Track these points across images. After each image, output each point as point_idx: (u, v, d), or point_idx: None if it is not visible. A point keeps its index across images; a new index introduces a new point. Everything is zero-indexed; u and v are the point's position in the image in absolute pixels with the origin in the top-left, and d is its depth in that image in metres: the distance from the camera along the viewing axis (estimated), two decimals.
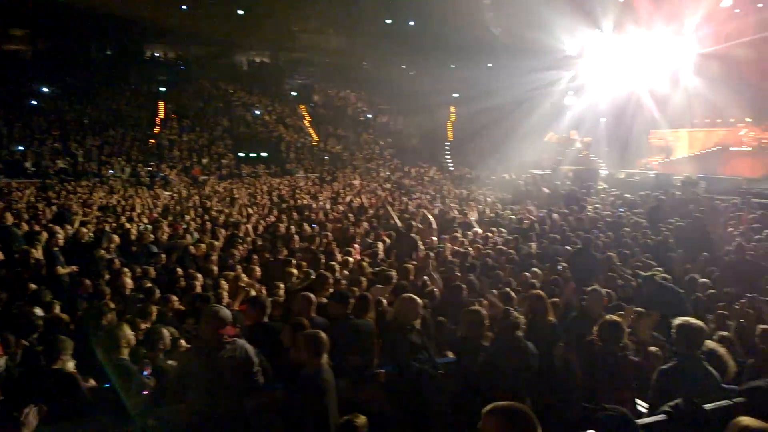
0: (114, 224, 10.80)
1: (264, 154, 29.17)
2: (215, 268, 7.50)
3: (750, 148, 20.01)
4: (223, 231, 10.15)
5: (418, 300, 4.84)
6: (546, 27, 23.69)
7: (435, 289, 6.58)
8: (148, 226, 10.52)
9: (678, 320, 3.81)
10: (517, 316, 4.53)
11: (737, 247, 8.07)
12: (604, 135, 25.11)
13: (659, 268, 7.38)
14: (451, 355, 5.21)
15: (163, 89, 33.91)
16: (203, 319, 3.97)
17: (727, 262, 7.96)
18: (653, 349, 4.65)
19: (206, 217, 12.05)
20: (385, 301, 5.84)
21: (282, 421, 3.84)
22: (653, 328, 5.07)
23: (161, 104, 31.70)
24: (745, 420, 2.01)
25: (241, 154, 28.85)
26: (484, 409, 2.05)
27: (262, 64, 39.59)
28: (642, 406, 3.86)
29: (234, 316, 4.48)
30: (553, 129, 26.28)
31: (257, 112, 33.32)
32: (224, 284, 6.43)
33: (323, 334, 3.80)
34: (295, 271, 7.05)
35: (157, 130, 29.37)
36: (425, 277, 7.07)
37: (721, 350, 4.03)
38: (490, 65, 31.41)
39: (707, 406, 2.87)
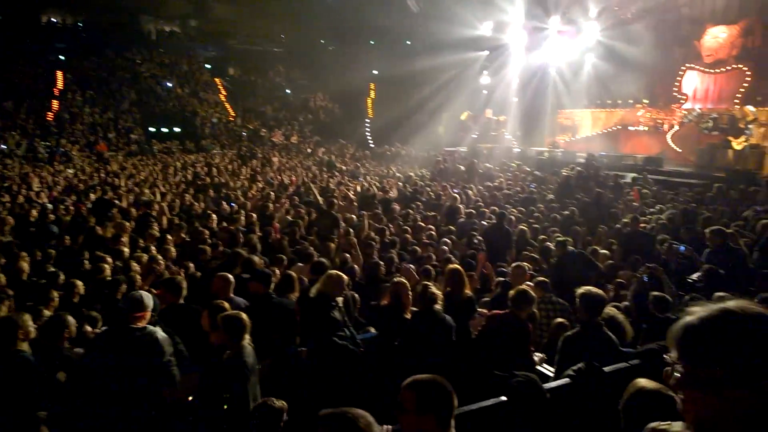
0: (9, 204, 9.98)
1: (177, 130, 27.86)
2: (126, 249, 7.11)
3: (646, 128, 21.60)
4: (134, 210, 9.64)
5: (344, 277, 4.87)
6: (461, 6, 24.13)
7: (355, 266, 6.64)
8: (49, 205, 9.80)
9: (580, 290, 4.07)
10: (434, 290, 4.66)
11: (632, 220, 8.70)
12: (516, 114, 26.12)
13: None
14: (372, 330, 5.30)
15: (62, 58, 31.20)
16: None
17: (624, 234, 8.58)
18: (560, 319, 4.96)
19: (114, 195, 11.37)
20: (306, 279, 5.83)
21: (201, 405, 3.76)
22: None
23: (59, 74, 29.22)
24: (642, 381, 2.18)
25: (152, 130, 27.39)
26: (403, 383, 2.10)
27: (173, 34, 37.38)
28: (549, 370, 4.13)
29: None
30: (468, 107, 26.99)
31: (169, 84, 31.55)
32: (136, 266, 6.13)
33: (244, 316, 3.72)
34: (208, 249, 6.88)
35: (55, 102, 27.11)
36: (346, 254, 7.10)
37: (620, 316, 4.38)
38: (409, 42, 31.59)
39: (607, 369, 3.11)
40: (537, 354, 4.54)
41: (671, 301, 4.70)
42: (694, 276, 5.85)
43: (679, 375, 1.18)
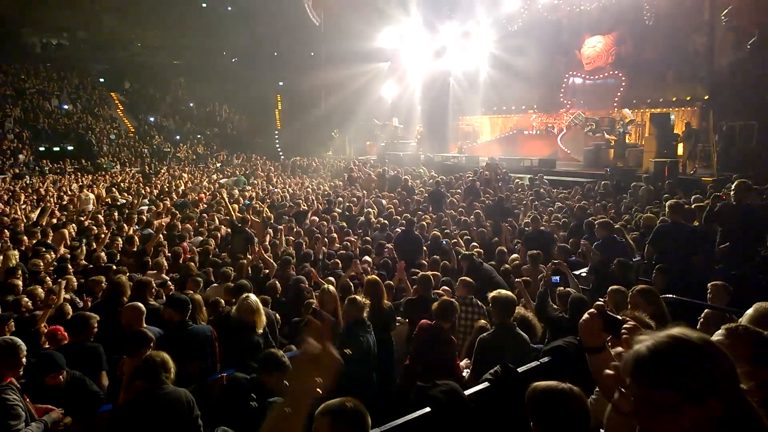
0: None
1: (70, 148, 25.99)
2: (19, 282, 6.50)
3: (539, 132, 23.14)
4: (26, 239, 8.83)
5: (255, 299, 4.76)
6: (363, 17, 24.57)
7: (277, 283, 6.56)
8: None
9: (492, 294, 4.31)
10: (364, 301, 4.69)
11: (533, 220, 9.26)
12: (421, 121, 26.96)
13: (476, 244, 8.29)
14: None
15: None
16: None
17: (527, 233, 9.11)
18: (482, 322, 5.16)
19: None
20: (222, 301, 5.69)
21: None
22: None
23: None
24: (539, 384, 2.28)
25: (42, 149, 25.37)
26: (316, 411, 2.10)
27: (60, 47, 34.66)
28: None
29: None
30: (375, 116, 27.50)
31: (66, 107, 29.30)
32: (27, 302, 5.60)
33: (161, 358, 3.44)
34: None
35: None
36: (265, 272, 7.00)
37: (529, 314, 4.66)
38: (313, 53, 31.60)
39: (520, 369, 3.31)
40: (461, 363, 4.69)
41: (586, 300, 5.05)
42: (584, 270, 6.34)
43: (634, 400, 1.30)
